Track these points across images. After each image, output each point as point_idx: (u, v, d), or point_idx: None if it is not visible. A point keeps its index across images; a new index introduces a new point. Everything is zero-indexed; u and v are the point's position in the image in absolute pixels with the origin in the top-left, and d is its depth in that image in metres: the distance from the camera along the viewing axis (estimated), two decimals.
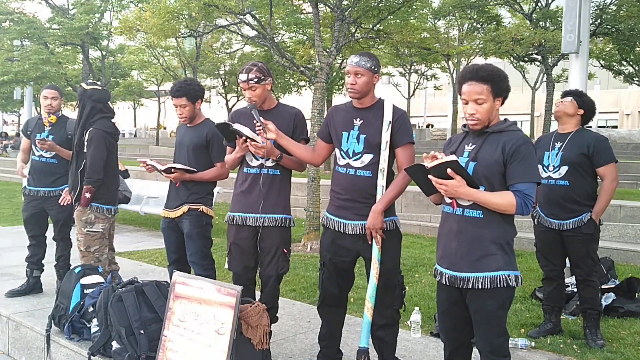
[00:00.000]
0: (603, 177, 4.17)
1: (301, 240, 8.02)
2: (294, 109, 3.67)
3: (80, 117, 4.47)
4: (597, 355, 3.93)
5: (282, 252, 3.58)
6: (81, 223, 4.44)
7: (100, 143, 4.38)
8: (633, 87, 35.59)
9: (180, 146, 4.19)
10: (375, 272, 3.14)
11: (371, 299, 3.18)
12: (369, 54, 3.26)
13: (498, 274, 2.57)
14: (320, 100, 8.21)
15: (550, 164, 4.22)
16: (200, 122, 4.16)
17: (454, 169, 2.49)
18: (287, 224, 3.62)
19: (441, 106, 41.43)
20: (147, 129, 53.04)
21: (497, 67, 2.67)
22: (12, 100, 29.33)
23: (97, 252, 4.49)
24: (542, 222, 4.32)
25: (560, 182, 4.17)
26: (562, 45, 6.17)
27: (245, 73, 3.50)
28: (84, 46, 14.70)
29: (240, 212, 3.62)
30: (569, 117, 4.23)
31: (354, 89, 3.20)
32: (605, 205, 4.20)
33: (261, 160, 3.57)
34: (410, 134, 3.25)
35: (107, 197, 4.51)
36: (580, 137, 4.19)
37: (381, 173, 3.13)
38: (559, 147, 4.21)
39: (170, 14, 9.56)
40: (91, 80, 5.56)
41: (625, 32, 14.95)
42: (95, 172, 4.35)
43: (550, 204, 4.24)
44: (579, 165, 4.13)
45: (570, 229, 4.16)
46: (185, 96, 4.03)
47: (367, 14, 9.27)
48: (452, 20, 20.23)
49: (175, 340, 3.22)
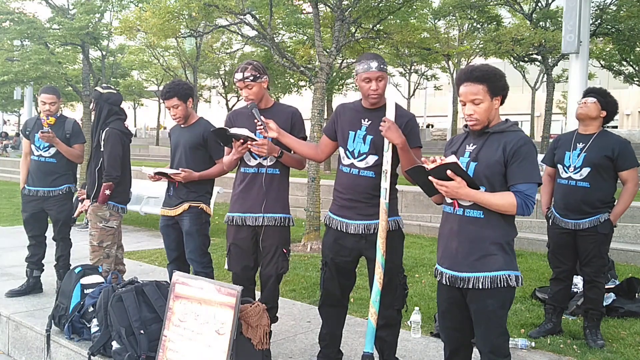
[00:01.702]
0: (626, 180, 4.14)
1: (301, 240, 8.01)
2: (291, 108, 3.67)
3: (98, 119, 4.58)
4: (597, 356, 3.93)
5: (281, 252, 3.58)
6: (97, 218, 4.54)
7: (116, 142, 4.48)
8: (633, 88, 35.57)
9: (176, 147, 4.20)
10: (379, 277, 3.12)
11: (375, 304, 3.16)
12: (379, 56, 3.23)
13: (498, 274, 2.57)
14: (320, 101, 8.21)
15: (572, 164, 4.17)
16: (194, 121, 4.19)
17: (454, 171, 2.49)
18: (286, 223, 3.61)
19: (441, 106, 41.41)
20: (147, 129, 53.06)
21: (492, 67, 2.67)
22: (12, 100, 29.31)
23: (108, 248, 4.58)
24: (557, 223, 4.28)
25: (581, 184, 4.13)
26: (562, 46, 6.18)
27: (241, 72, 3.51)
28: (84, 46, 14.67)
29: (239, 212, 3.61)
30: (592, 119, 4.17)
31: (378, 94, 3.17)
32: (625, 208, 4.18)
33: (259, 159, 3.56)
34: (418, 138, 3.24)
35: (121, 196, 4.62)
36: (604, 139, 4.13)
37: (384, 175, 3.10)
38: (581, 148, 4.15)
39: (170, 14, 9.56)
40: (101, 82, 5.59)
41: (626, 32, 14.96)
42: (113, 169, 4.46)
43: (568, 205, 4.20)
44: (601, 167, 4.09)
45: (586, 228, 4.14)
46: (175, 96, 4.07)
47: (367, 14, 9.26)
48: (452, 21, 20.21)
49: (176, 340, 3.22)
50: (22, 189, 5.08)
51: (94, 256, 4.53)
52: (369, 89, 3.16)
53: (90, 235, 4.59)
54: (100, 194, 4.48)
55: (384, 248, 3.09)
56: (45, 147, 4.96)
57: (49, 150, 4.96)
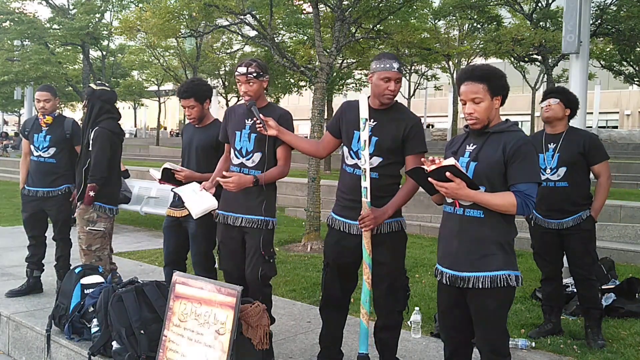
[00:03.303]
0: (598, 174, 4.18)
1: (301, 240, 8.00)
2: (281, 110, 3.60)
3: (89, 117, 4.49)
4: (597, 356, 3.92)
5: (260, 254, 3.48)
6: (83, 221, 4.46)
7: (105, 142, 4.39)
8: (633, 88, 35.58)
9: (188, 147, 4.13)
10: (366, 277, 3.12)
11: (365, 304, 3.15)
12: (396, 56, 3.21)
13: (498, 274, 2.57)
14: (320, 101, 8.21)
15: (547, 166, 4.19)
16: (209, 122, 4.11)
17: (453, 172, 2.50)
18: (264, 226, 3.51)
19: (441, 106, 41.41)
20: (148, 129, 53.07)
21: (493, 66, 2.69)
22: (12, 101, 29.31)
23: (99, 251, 4.50)
24: (539, 224, 4.29)
25: (560, 184, 4.15)
26: (563, 46, 6.16)
27: (245, 67, 3.49)
28: (85, 46, 14.69)
29: (222, 211, 3.61)
30: (559, 119, 4.21)
31: (394, 95, 3.15)
32: (603, 202, 4.21)
33: (242, 159, 3.54)
34: (423, 142, 3.21)
35: (109, 197, 4.52)
36: (573, 136, 4.18)
37: (364, 174, 3.09)
38: (553, 149, 4.18)
39: (170, 14, 9.57)
40: (100, 81, 5.58)
41: (626, 33, 14.95)
42: (99, 170, 4.37)
43: (549, 206, 4.21)
44: (576, 165, 4.12)
45: (569, 227, 4.15)
46: (193, 97, 3.99)
47: (368, 14, 9.26)
48: (453, 21, 20.21)
49: (176, 340, 3.22)
50: (22, 189, 5.08)
51: (86, 259, 4.46)
52: (386, 88, 3.11)
53: (78, 239, 4.52)
54: (85, 195, 4.39)
55: (370, 247, 3.10)
56: (45, 147, 4.95)
57: (49, 150, 4.94)
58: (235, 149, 3.58)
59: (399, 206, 3.17)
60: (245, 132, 3.53)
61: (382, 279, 3.18)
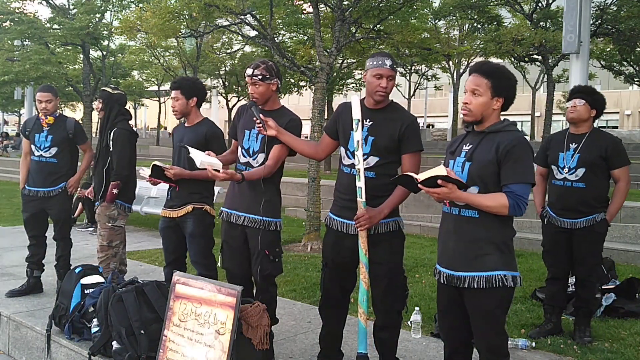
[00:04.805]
0: (618, 179, 4.15)
1: (301, 240, 8.01)
2: (292, 115, 3.60)
3: (107, 119, 4.67)
4: (597, 356, 3.93)
5: (264, 254, 3.49)
6: (105, 218, 4.63)
7: (125, 142, 4.60)
8: (634, 88, 35.59)
9: (179, 146, 4.16)
10: (363, 277, 3.12)
11: (362, 304, 3.15)
12: (393, 56, 3.21)
13: (494, 274, 2.57)
14: (320, 101, 8.21)
15: (566, 165, 4.17)
16: (198, 121, 4.16)
17: (445, 180, 2.50)
18: (266, 227, 3.50)
19: (441, 106, 41.43)
20: (148, 129, 53.08)
21: (504, 67, 2.67)
22: (12, 101, 29.29)
23: (116, 247, 4.68)
24: (553, 222, 4.28)
25: (577, 185, 4.12)
26: (563, 46, 6.17)
27: (252, 69, 3.50)
28: (85, 46, 14.66)
29: (226, 208, 3.64)
30: (584, 120, 4.17)
31: (386, 92, 3.15)
32: (619, 207, 4.19)
33: (248, 158, 3.55)
34: (419, 141, 3.21)
35: (128, 195, 4.72)
36: (596, 138, 4.14)
37: (358, 174, 3.09)
38: (574, 149, 4.15)
39: (170, 14, 9.56)
40: (101, 81, 5.69)
41: (626, 33, 14.93)
42: (122, 168, 4.56)
43: (563, 206, 4.20)
44: (596, 167, 4.09)
45: (582, 227, 4.14)
46: (179, 89, 4.07)
47: (368, 14, 9.26)
48: (453, 21, 20.20)
49: (176, 340, 3.22)
50: (22, 189, 5.08)
51: (103, 255, 4.62)
52: (378, 85, 3.12)
53: (99, 236, 4.66)
54: (108, 193, 4.55)
55: (366, 247, 3.10)
56: (46, 147, 4.95)
57: (50, 150, 4.96)
58: (242, 147, 3.60)
59: (395, 205, 3.17)
60: (254, 132, 3.54)
61: (380, 278, 3.18)
